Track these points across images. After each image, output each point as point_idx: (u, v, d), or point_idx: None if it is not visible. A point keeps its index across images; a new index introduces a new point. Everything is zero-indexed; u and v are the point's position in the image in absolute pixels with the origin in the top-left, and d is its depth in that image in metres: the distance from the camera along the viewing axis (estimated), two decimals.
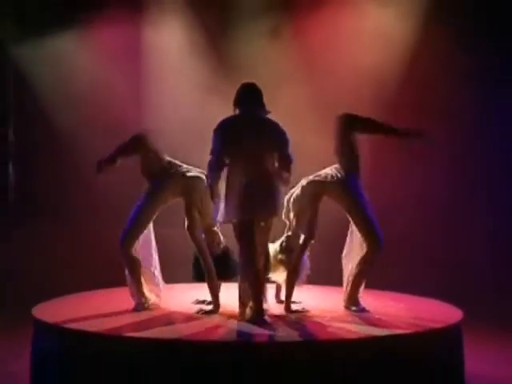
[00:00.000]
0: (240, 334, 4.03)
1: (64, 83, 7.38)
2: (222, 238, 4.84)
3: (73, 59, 7.38)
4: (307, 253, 4.72)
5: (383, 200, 6.42)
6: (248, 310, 4.34)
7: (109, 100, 7.28)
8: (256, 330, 4.06)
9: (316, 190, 4.66)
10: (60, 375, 4.04)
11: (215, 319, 4.37)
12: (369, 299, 4.81)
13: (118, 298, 4.89)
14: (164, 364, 3.72)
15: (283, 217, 4.78)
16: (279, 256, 4.71)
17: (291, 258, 4.68)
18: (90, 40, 7.36)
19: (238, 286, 4.44)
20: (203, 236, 4.71)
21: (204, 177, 4.63)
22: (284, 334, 4.01)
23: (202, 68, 7.10)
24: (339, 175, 4.66)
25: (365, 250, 4.63)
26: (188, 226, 4.63)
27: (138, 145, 4.69)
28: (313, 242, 4.71)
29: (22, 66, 7.42)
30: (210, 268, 4.62)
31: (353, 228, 4.75)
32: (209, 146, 4.43)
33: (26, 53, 7.35)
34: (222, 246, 4.83)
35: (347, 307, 4.70)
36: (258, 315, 4.26)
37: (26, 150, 7.48)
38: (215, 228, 4.80)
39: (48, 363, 4.14)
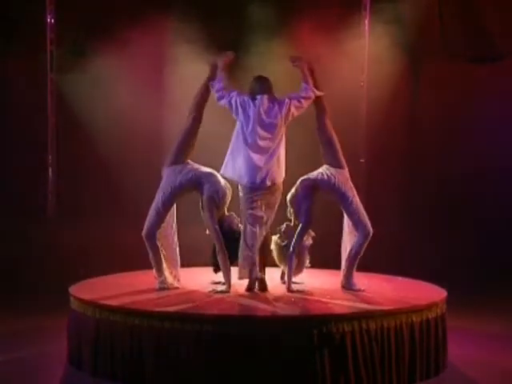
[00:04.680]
0: (244, 309, 4.54)
1: (99, 102, 7.95)
2: (238, 220, 5.24)
3: (109, 81, 7.89)
4: (307, 246, 5.23)
5: None
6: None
7: (137, 117, 7.89)
8: (260, 306, 4.56)
9: (309, 186, 5.19)
10: (94, 345, 4.60)
11: (226, 297, 4.84)
12: (364, 280, 5.31)
13: (142, 280, 5.38)
14: (177, 332, 4.28)
15: (288, 215, 5.31)
16: (281, 242, 5.24)
17: (289, 242, 5.18)
18: (124, 64, 7.88)
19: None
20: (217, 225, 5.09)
21: (215, 173, 5.15)
22: (284, 309, 4.49)
23: None
24: (328, 173, 5.20)
25: (356, 236, 5.16)
26: (205, 215, 5.06)
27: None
28: (312, 233, 5.23)
29: (65, 86, 7.99)
30: (224, 252, 5.02)
31: (346, 219, 5.26)
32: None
33: (67, 75, 7.94)
34: (240, 227, 5.20)
35: (344, 287, 5.20)
36: (251, 283, 4.95)
37: (64, 157, 8.05)
38: (232, 213, 5.25)
39: (82, 333, 4.72)
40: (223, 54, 5.28)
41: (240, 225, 5.20)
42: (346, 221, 5.29)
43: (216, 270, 5.20)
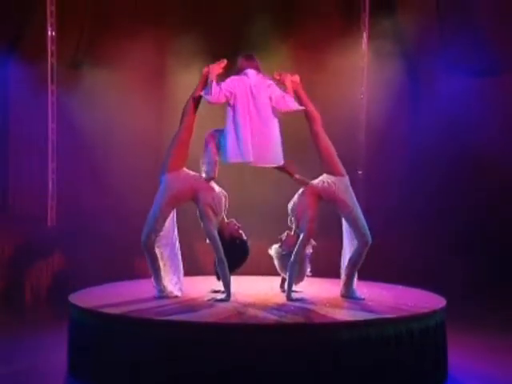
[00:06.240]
0: (244, 317, 4.52)
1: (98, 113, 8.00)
2: (238, 225, 5.27)
3: (108, 93, 7.98)
4: (309, 254, 5.24)
5: None
6: None
7: (136, 127, 7.97)
8: (260, 314, 4.56)
9: (311, 195, 5.21)
10: (93, 354, 4.60)
11: (226, 305, 4.83)
12: (364, 289, 5.32)
13: (142, 288, 5.39)
14: (177, 340, 4.29)
15: (288, 223, 5.32)
16: (282, 251, 5.27)
17: (290, 251, 5.19)
18: (122, 75, 8.03)
19: None
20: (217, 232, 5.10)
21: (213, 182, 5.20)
22: (283, 318, 4.48)
23: None
24: (329, 181, 5.23)
25: (355, 245, 5.18)
26: (203, 224, 5.09)
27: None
28: (313, 242, 5.23)
29: (64, 99, 8.02)
30: (223, 261, 5.02)
31: (345, 226, 5.29)
32: None
33: (66, 88, 7.99)
34: (240, 232, 5.24)
35: (343, 296, 5.23)
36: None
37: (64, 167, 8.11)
38: (232, 220, 5.28)
39: (82, 342, 4.73)
40: (216, 63, 5.32)
41: (240, 230, 5.24)
42: (346, 229, 5.31)
43: (219, 278, 5.19)
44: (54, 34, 7.92)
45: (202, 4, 8.21)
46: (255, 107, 5.12)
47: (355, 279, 5.27)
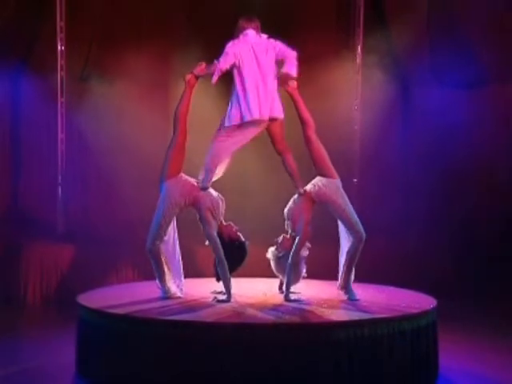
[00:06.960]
0: (243, 317, 4.69)
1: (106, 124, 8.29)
2: (236, 228, 5.40)
3: (113, 106, 8.29)
4: (305, 255, 5.40)
5: None
6: None
7: (141, 138, 8.20)
8: (259, 314, 4.70)
9: (305, 199, 5.41)
10: (101, 353, 4.74)
11: (227, 306, 4.98)
12: (359, 290, 5.46)
13: (147, 290, 5.51)
14: (181, 339, 4.43)
15: (285, 227, 5.50)
16: (278, 253, 5.44)
17: (286, 253, 5.37)
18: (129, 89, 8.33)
19: None
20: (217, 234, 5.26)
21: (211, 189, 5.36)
22: (282, 318, 4.64)
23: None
24: (320, 184, 5.42)
25: (351, 242, 5.36)
26: (204, 228, 5.26)
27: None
28: (308, 245, 5.40)
29: (72, 111, 8.32)
30: (223, 262, 5.17)
31: (341, 226, 5.48)
32: None
33: (74, 100, 8.29)
34: (239, 234, 5.38)
35: (340, 288, 5.41)
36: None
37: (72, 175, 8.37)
38: (229, 223, 5.42)
39: (90, 342, 4.88)
40: (196, 67, 5.40)
41: (238, 232, 5.39)
42: (342, 229, 5.48)
43: (218, 279, 5.34)
44: (63, 48, 8.17)
45: (203, 18, 8.45)
46: (258, 66, 5.23)
47: (352, 278, 5.43)
